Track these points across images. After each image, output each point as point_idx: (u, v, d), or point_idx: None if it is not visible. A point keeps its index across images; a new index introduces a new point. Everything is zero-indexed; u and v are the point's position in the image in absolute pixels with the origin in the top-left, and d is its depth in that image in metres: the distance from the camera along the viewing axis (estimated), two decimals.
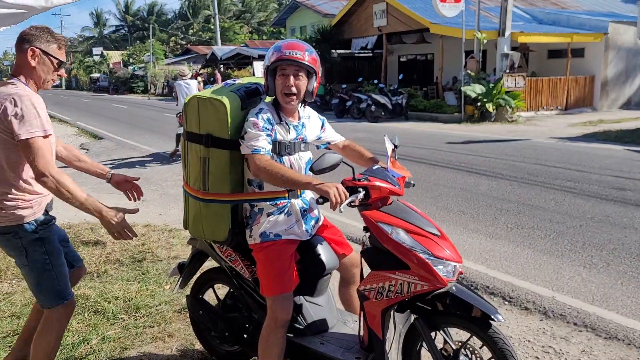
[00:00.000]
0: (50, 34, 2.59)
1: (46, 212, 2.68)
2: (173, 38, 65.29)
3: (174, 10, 74.26)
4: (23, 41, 2.55)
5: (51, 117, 23.93)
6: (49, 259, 2.64)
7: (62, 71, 2.68)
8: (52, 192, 2.50)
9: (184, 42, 62.32)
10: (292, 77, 2.53)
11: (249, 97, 2.65)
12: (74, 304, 2.85)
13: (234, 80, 2.84)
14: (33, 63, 2.55)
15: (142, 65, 49.23)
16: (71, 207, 2.58)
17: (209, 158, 2.58)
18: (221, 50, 35.60)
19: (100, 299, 4.08)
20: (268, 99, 2.70)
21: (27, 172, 2.57)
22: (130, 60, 54.52)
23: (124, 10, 74.59)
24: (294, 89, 2.54)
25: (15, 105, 2.41)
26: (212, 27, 52.69)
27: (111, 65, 56.84)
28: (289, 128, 2.64)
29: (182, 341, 3.51)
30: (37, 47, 2.53)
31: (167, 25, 69.35)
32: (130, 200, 3.05)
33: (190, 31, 64.59)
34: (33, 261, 2.62)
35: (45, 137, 2.47)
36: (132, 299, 4.09)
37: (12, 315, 3.87)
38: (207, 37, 57.82)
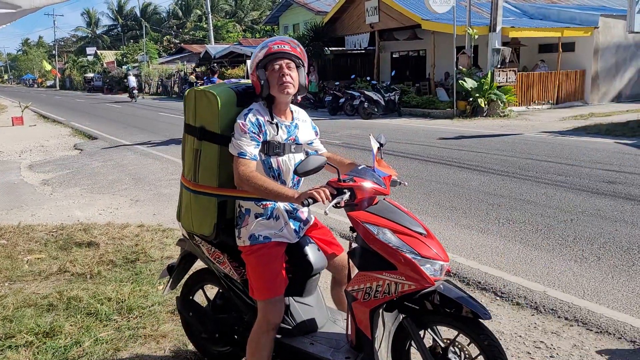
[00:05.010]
0: None
1: None
2: (166, 37, 65.09)
3: (167, 9, 73.91)
4: None
5: (45, 117, 23.61)
6: None
7: None
8: None
9: (177, 41, 62.14)
10: (285, 68, 2.56)
11: (249, 95, 2.69)
12: None
13: (239, 80, 2.88)
14: None
15: (136, 64, 49.06)
16: (64, 210, 2.59)
17: (201, 150, 2.66)
18: (214, 48, 35.54)
19: (93, 300, 4.08)
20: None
21: None
22: (124, 59, 54.35)
23: (116, 10, 74.41)
24: (288, 78, 2.56)
25: None
26: (205, 25, 52.50)
27: (105, 65, 56.63)
28: (281, 128, 2.63)
29: (175, 342, 3.52)
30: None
31: (160, 24, 69.19)
32: None
33: (183, 30, 64.44)
34: None
35: None
36: (125, 300, 4.08)
37: (5, 319, 3.86)
38: (201, 36, 57.66)
